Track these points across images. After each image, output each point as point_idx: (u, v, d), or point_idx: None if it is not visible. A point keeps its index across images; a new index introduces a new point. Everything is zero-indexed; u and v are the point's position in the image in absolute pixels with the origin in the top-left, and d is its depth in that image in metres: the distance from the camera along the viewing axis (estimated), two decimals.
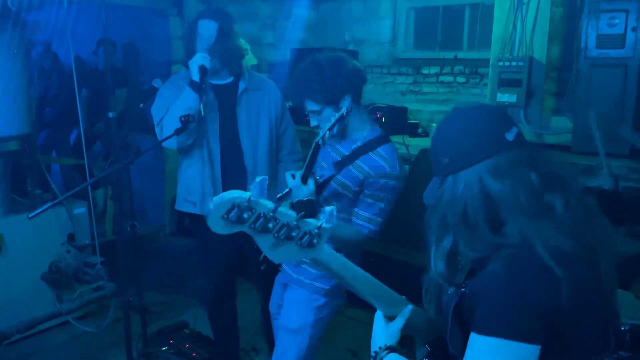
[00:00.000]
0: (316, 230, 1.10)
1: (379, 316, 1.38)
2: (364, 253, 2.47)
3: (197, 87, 2.51)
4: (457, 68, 4.77)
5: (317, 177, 2.10)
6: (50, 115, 5.19)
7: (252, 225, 1.02)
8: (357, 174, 2.06)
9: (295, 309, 2.22)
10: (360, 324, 3.43)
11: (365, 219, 2.09)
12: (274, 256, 1.09)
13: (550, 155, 1.21)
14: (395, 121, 4.66)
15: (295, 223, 1.07)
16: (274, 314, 2.49)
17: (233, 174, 2.72)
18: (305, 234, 1.09)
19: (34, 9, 3.18)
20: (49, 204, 2.60)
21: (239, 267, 3.05)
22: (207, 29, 2.58)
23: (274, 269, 2.30)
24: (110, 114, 3.07)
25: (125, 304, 2.73)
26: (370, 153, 2.06)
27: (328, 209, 1.12)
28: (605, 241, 1.14)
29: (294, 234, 1.07)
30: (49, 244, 3.44)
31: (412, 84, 5.05)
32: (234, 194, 1.00)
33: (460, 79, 4.77)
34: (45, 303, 3.33)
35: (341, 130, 2.11)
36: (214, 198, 0.99)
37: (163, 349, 3.22)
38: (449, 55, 4.89)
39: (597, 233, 1.14)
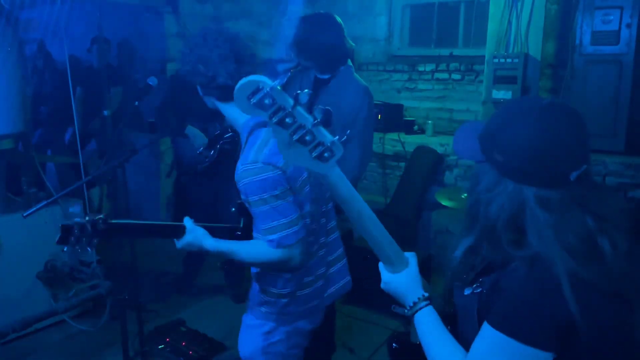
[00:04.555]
0: (328, 144, 1.08)
1: (388, 276, 1.30)
2: (362, 250, 2.44)
3: None
4: (453, 65, 4.77)
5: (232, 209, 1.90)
6: (45, 113, 5.17)
7: (272, 115, 1.04)
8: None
9: (244, 335, 2.01)
10: (356, 320, 3.42)
11: (261, 232, 1.75)
12: (286, 154, 1.08)
13: (604, 195, 1.13)
14: (391, 118, 4.67)
15: (310, 128, 1.06)
16: None
17: None
18: (318, 143, 1.07)
19: (27, 6, 3.17)
20: (44, 202, 2.59)
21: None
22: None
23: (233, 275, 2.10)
24: (105, 112, 3.07)
25: (121, 303, 2.73)
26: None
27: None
28: None
29: (307, 138, 1.06)
30: (44, 242, 3.42)
31: (407, 81, 5.05)
32: (260, 77, 1.04)
33: (455, 76, 4.77)
34: (41, 302, 3.31)
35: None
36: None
37: (159, 347, 3.22)
38: (445, 52, 4.90)
39: (637, 280, 1.09)
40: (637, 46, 3.29)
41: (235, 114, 1.84)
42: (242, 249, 1.80)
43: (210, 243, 1.79)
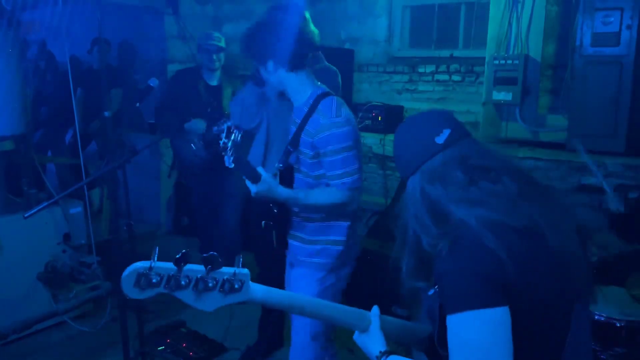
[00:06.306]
0: (232, 277, 1.16)
1: (357, 335, 1.40)
2: (364, 251, 2.45)
3: None
4: (453, 66, 4.77)
5: (278, 165, 2.14)
6: (45, 114, 5.17)
7: (166, 286, 1.11)
8: (307, 138, 2.09)
9: (298, 284, 2.23)
10: None
11: (337, 177, 2.06)
12: (203, 306, 1.15)
13: (483, 144, 1.29)
14: (392, 120, 4.66)
15: (206, 275, 1.13)
16: None
17: None
18: (223, 282, 1.15)
19: (29, 8, 3.18)
20: (45, 203, 2.60)
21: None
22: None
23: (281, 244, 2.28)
24: (106, 113, 3.06)
25: (121, 304, 2.73)
26: (313, 114, 2.09)
27: (237, 257, 1.18)
28: (549, 213, 1.17)
29: (210, 284, 1.14)
30: (45, 243, 3.43)
31: (407, 83, 5.05)
32: (136, 265, 1.09)
33: (456, 78, 4.77)
34: (42, 303, 3.32)
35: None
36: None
37: (160, 348, 3.22)
38: (445, 53, 4.89)
39: (539, 206, 1.17)
40: (638, 48, 3.28)
41: (302, 84, 2.12)
42: (312, 194, 2.08)
43: (283, 190, 2.03)
